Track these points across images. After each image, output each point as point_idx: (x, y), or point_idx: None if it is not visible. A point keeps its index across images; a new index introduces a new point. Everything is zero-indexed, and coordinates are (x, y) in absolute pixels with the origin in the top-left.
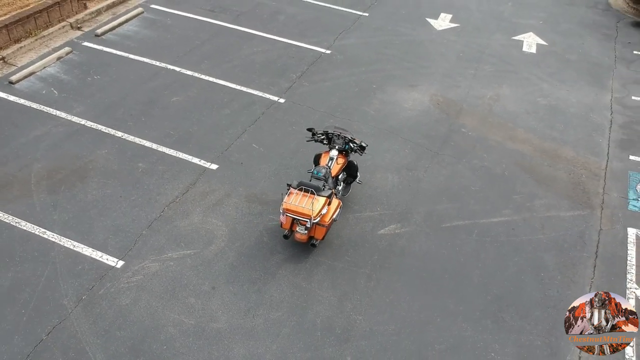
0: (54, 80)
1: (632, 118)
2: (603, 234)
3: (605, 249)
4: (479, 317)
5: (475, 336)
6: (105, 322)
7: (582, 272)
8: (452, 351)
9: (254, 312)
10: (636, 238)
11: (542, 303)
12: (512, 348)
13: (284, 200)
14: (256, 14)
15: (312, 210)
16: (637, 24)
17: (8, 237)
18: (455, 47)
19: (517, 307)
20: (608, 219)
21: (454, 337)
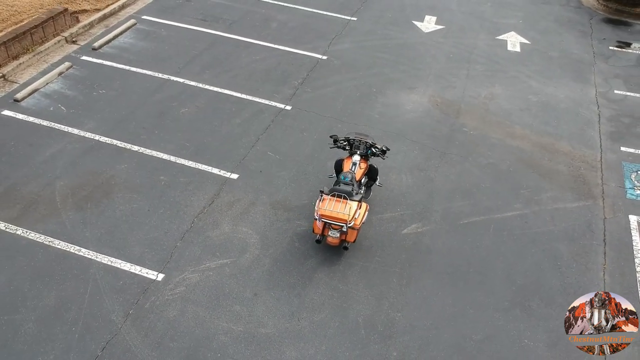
0: (60, 97)
1: (617, 111)
2: (608, 223)
3: (611, 236)
4: (508, 307)
5: (507, 325)
6: (156, 334)
7: (595, 259)
8: (488, 341)
9: (298, 315)
10: (638, 225)
11: (563, 290)
12: (543, 334)
13: (319, 206)
14: (248, 22)
15: (348, 214)
16: (609, 21)
17: (44, 257)
18: (445, 48)
19: (541, 295)
20: (610, 208)
21: (488, 327)
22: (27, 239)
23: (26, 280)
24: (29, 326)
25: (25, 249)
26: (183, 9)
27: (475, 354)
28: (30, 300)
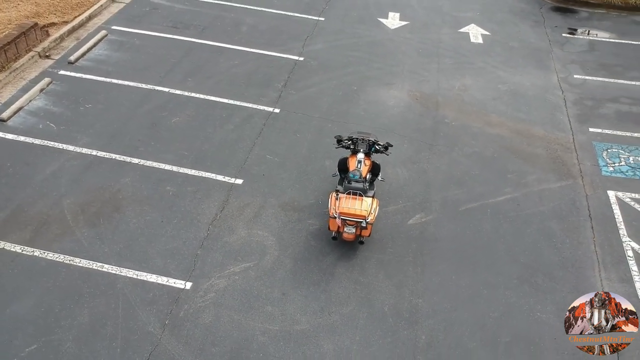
0: (46, 114)
1: (580, 95)
2: (590, 199)
3: (595, 212)
4: (516, 285)
5: (519, 301)
6: (196, 341)
7: (584, 234)
8: (505, 317)
9: (328, 310)
10: (616, 199)
11: (562, 264)
12: (552, 306)
13: (338, 205)
14: (219, 27)
15: (367, 210)
16: (557, 9)
17: (68, 276)
18: (413, 44)
19: (544, 271)
20: (590, 186)
21: (502, 304)
22: (46, 259)
23: (55, 300)
24: (69, 345)
25: (46, 269)
26: (151, 17)
27: (496, 329)
28: (63, 319)
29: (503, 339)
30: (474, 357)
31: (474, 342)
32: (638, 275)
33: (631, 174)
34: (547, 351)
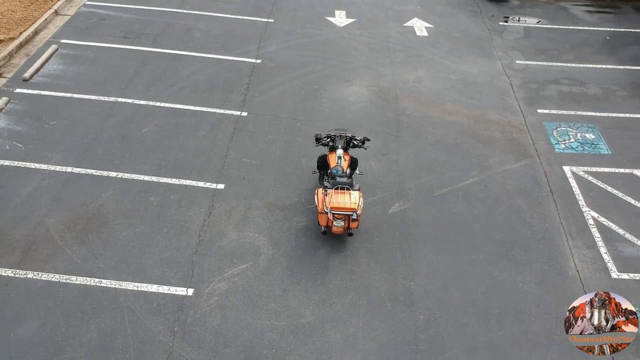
0: (11, 134)
1: (524, 79)
2: (548, 175)
3: (555, 186)
4: (496, 260)
5: (502, 275)
6: (208, 344)
7: (549, 208)
8: (492, 290)
9: (329, 301)
10: (572, 173)
11: (533, 237)
12: (531, 276)
13: (329, 201)
14: (171, 35)
15: (356, 203)
16: None
17: (67, 295)
18: (363, 40)
19: (518, 245)
20: (546, 163)
21: (487, 279)
22: (41, 280)
23: (59, 320)
24: None
25: (44, 291)
26: (100, 28)
27: (484, 302)
28: (71, 338)
29: (493, 311)
30: (469, 330)
31: (467, 316)
32: (601, 240)
33: (581, 149)
34: (533, 317)
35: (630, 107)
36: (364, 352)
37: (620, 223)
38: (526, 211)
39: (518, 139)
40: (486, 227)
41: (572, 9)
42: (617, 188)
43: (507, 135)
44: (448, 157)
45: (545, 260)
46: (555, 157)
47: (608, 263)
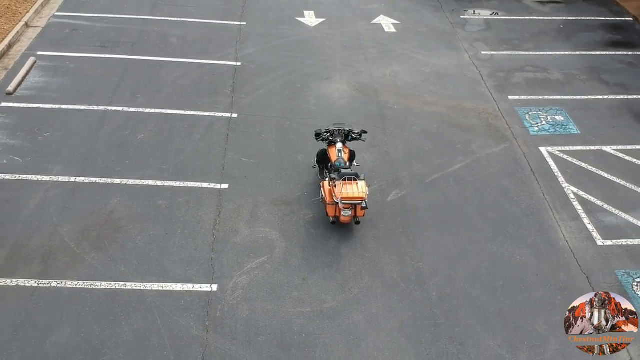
0: (6, 148)
1: (491, 68)
2: (528, 156)
3: (535, 166)
4: (493, 237)
5: (501, 250)
6: (241, 335)
7: (532, 186)
8: (494, 265)
9: (347, 286)
10: (548, 153)
11: (523, 213)
12: (527, 249)
13: (339, 192)
14: (148, 42)
15: (364, 192)
16: None
17: (95, 300)
18: (335, 38)
19: (511, 222)
20: (524, 145)
21: (487, 255)
22: (67, 288)
23: (91, 324)
24: None
25: (70, 297)
26: (74, 39)
27: (489, 276)
28: (107, 340)
29: (497, 283)
30: (479, 302)
31: (475, 290)
32: (583, 212)
33: (553, 131)
34: (534, 286)
35: (591, 89)
36: (387, 330)
37: (598, 195)
38: (513, 190)
39: (495, 124)
40: (479, 207)
41: (524, 0)
42: (591, 164)
43: (484, 122)
44: (434, 145)
45: (536, 234)
46: (531, 139)
47: (592, 232)
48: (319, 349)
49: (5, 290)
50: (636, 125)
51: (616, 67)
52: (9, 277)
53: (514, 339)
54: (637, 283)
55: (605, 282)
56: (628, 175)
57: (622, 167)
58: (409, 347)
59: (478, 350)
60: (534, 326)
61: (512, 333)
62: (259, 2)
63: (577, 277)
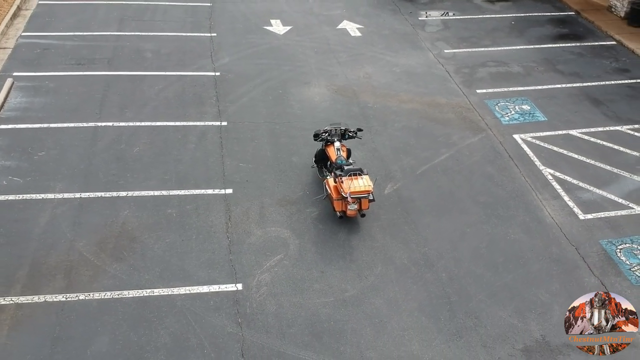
0: (2, 169)
1: (456, 65)
2: (504, 144)
3: (512, 152)
4: (487, 219)
5: (494, 230)
6: (273, 328)
7: (513, 170)
8: (491, 244)
9: (364, 274)
10: (521, 140)
11: (510, 196)
12: (517, 228)
13: (347, 187)
14: (123, 57)
15: (370, 185)
16: None
17: (125, 308)
18: (306, 45)
19: (500, 204)
20: (499, 134)
21: (484, 236)
22: (95, 299)
23: (128, 332)
24: None
25: (101, 308)
26: (48, 58)
27: (489, 254)
28: (147, 345)
29: (498, 260)
30: (485, 279)
31: (479, 268)
32: (562, 191)
33: (522, 119)
34: (531, 260)
35: (549, 79)
36: (407, 311)
37: (573, 175)
38: (496, 176)
39: (469, 117)
40: (469, 193)
41: (475, 0)
42: (561, 147)
43: (459, 115)
44: (417, 140)
45: (524, 214)
46: (504, 128)
47: (574, 208)
48: (349, 334)
49: (34, 307)
50: (594, 109)
51: (568, 57)
52: (34, 294)
53: (522, 308)
54: (620, 250)
55: (592, 251)
56: (595, 154)
57: (588, 148)
58: (430, 325)
59: (492, 321)
60: (537, 296)
61: (520, 303)
62: (224, 14)
63: (567, 249)
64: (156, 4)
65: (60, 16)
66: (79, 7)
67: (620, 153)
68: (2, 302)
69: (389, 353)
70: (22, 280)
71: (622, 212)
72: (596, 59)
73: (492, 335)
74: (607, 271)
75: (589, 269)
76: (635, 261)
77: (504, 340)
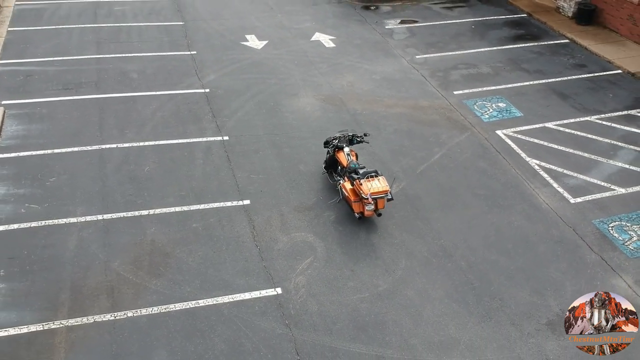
0: (17, 197)
1: (430, 70)
2: (489, 140)
3: (498, 147)
4: (489, 210)
5: (499, 219)
6: (320, 325)
7: (503, 163)
8: (498, 232)
9: (391, 269)
10: (504, 135)
11: (506, 187)
12: (518, 215)
13: (366, 189)
14: (109, 79)
15: (387, 185)
16: (367, 8)
17: (174, 321)
18: (285, 57)
19: (497, 196)
20: (483, 131)
21: (488, 224)
22: (143, 315)
23: (183, 343)
24: None
25: (152, 323)
26: (33, 84)
27: (499, 241)
28: (205, 354)
29: (508, 246)
30: (500, 264)
31: (493, 255)
32: (550, 179)
33: (501, 116)
34: (537, 242)
35: (517, 77)
36: (438, 299)
37: (557, 164)
38: (489, 170)
39: (452, 117)
40: (468, 188)
41: (433, 7)
42: (541, 139)
43: (443, 116)
44: (411, 141)
45: (521, 202)
46: (486, 125)
47: (564, 194)
48: (390, 324)
49: (86, 328)
50: (563, 102)
51: (529, 56)
52: (82, 315)
53: (538, 287)
54: (611, 227)
55: (588, 231)
56: (572, 143)
57: (565, 138)
58: (461, 309)
59: (515, 301)
60: (549, 275)
61: (535, 283)
62: (199, 32)
63: (565, 230)
64: (129, 25)
65: (35, 42)
66: (51, 32)
67: (593, 141)
68: (52, 326)
69: (430, 338)
70: (66, 304)
71: (606, 193)
72: (555, 57)
73: (517, 314)
74: (605, 247)
75: (589, 247)
76: (626, 236)
77: (529, 317)
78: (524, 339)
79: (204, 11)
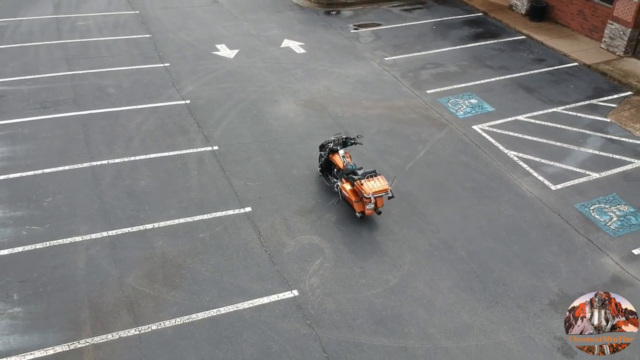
0: (16, 220)
1: (400, 71)
2: (468, 135)
3: (477, 142)
4: (478, 201)
5: (489, 209)
6: (341, 323)
7: (484, 157)
8: (491, 222)
9: (398, 264)
10: (481, 129)
11: (490, 179)
12: (507, 204)
13: (367, 189)
14: (86, 96)
15: (387, 184)
16: (328, 13)
17: (200, 330)
18: (258, 65)
19: (484, 187)
20: (460, 127)
21: (484, 216)
22: (168, 327)
23: (212, 351)
24: None
25: (177, 334)
26: (9, 104)
27: (493, 230)
28: (235, 358)
29: (502, 234)
30: (498, 251)
31: (490, 243)
32: (530, 168)
33: (475, 112)
34: (527, 230)
35: (483, 74)
36: (446, 289)
37: (534, 154)
38: (472, 163)
39: (429, 115)
40: (457, 181)
41: (393, 10)
42: (516, 131)
43: (420, 115)
44: (394, 141)
45: (507, 192)
46: (462, 121)
47: (544, 182)
48: (407, 316)
49: (113, 345)
50: (529, 96)
51: (491, 53)
52: (106, 332)
53: (536, 270)
54: (592, 210)
55: (571, 215)
56: (544, 134)
57: (537, 129)
58: (469, 297)
59: (517, 285)
60: (544, 258)
61: (533, 267)
62: (168, 43)
63: (551, 215)
64: (95, 39)
65: (1, 61)
66: (16, 50)
67: (563, 130)
68: (77, 345)
69: (446, 326)
70: (88, 322)
71: (582, 179)
72: (515, 53)
73: (521, 297)
74: (589, 229)
75: (575, 230)
76: (607, 217)
77: (532, 299)
78: (531, 319)
79: (169, 23)
